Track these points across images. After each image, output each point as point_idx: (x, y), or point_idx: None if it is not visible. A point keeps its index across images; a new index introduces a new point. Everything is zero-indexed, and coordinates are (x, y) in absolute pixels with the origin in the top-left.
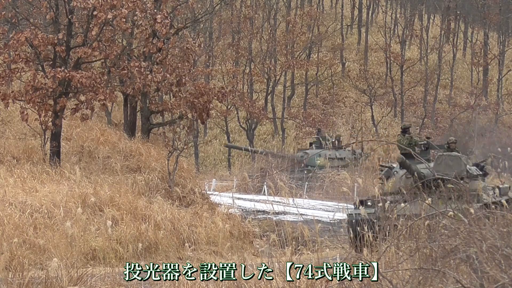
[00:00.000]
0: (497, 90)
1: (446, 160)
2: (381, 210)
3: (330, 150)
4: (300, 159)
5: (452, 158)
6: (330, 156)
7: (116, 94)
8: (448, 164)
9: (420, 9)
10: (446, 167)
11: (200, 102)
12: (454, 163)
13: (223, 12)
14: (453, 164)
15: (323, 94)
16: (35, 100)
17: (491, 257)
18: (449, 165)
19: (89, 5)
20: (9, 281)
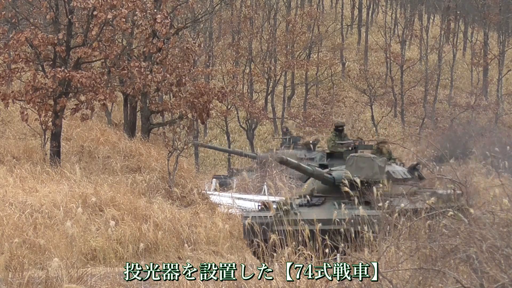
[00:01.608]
0: (497, 90)
1: (357, 162)
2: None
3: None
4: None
5: (364, 160)
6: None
7: (116, 94)
8: (359, 166)
9: (420, 9)
10: (356, 169)
11: (200, 102)
12: (365, 165)
13: (223, 12)
14: (364, 166)
15: (323, 94)
16: (35, 100)
17: (491, 257)
18: (360, 167)
19: (89, 5)
20: (9, 281)
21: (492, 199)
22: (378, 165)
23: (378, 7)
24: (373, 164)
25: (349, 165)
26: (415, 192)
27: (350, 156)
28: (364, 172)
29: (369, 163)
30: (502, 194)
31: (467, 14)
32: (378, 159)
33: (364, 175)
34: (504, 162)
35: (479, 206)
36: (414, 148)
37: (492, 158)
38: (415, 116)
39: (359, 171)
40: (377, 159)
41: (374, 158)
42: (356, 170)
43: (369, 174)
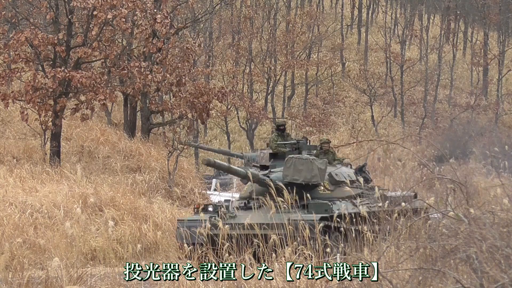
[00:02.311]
0: (497, 90)
1: (296, 164)
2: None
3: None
4: (256, 158)
5: (302, 161)
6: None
7: (116, 94)
8: (297, 168)
9: (420, 9)
10: (295, 171)
11: (200, 102)
12: (304, 167)
13: (223, 12)
14: (303, 168)
15: (323, 94)
16: (35, 100)
17: (491, 257)
18: (299, 169)
19: (89, 5)
20: (9, 281)
21: (492, 199)
22: (318, 167)
23: (378, 7)
24: (312, 166)
25: (287, 167)
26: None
27: (289, 158)
28: (303, 175)
29: (308, 165)
30: (502, 194)
31: (467, 14)
32: (318, 161)
33: (303, 177)
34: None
35: (479, 206)
36: (414, 148)
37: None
38: (415, 116)
39: (297, 173)
40: (317, 161)
41: (313, 160)
42: (295, 172)
43: (307, 177)
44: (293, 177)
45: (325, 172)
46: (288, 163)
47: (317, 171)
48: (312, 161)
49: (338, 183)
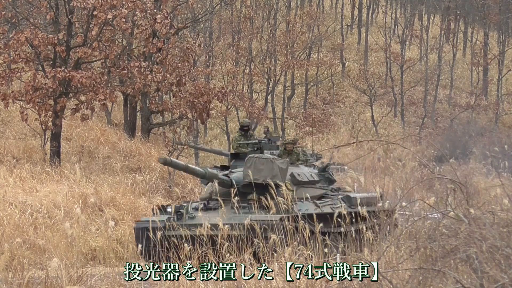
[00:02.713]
0: (497, 90)
1: (256, 164)
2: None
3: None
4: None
5: (263, 161)
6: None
7: (116, 94)
8: (258, 168)
9: (420, 9)
10: (255, 171)
11: (200, 102)
12: (264, 167)
13: (223, 12)
14: (263, 168)
15: (323, 94)
16: (35, 100)
17: (491, 257)
18: (259, 169)
19: (89, 5)
20: (9, 281)
21: (492, 199)
22: (279, 167)
23: (378, 7)
24: (272, 165)
25: (248, 166)
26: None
27: (249, 157)
28: (263, 174)
29: (269, 164)
30: (502, 194)
31: (467, 14)
32: (279, 161)
33: (263, 177)
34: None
35: (479, 206)
36: (414, 148)
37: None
38: (415, 116)
39: (258, 173)
40: (278, 161)
41: (273, 160)
42: (255, 172)
43: (268, 177)
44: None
45: (287, 172)
46: (249, 162)
47: (278, 171)
48: (273, 160)
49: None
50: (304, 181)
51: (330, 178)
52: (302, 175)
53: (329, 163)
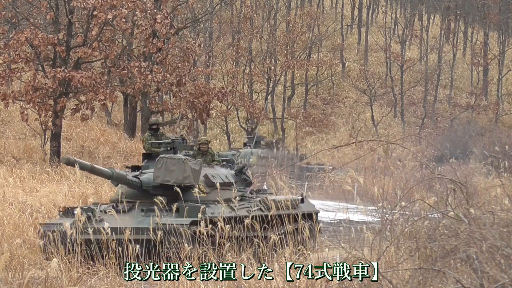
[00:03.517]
0: (497, 90)
1: (167, 164)
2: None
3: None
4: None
5: (174, 161)
6: (262, 155)
7: (116, 94)
8: (169, 168)
9: (420, 9)
10: (166, 172)
11: (200, 102)
12: (176, 167)
13: (223, 12)
14: (175, 169)
15: (323, 94)
16: (35, 100)
17: (491, 257)
18: (170, 170)
19: (89, 5)
20: (9, 281)
21: (492, 199)
22: (191, 168)
23: (378, 7)
24: (184, 166)
25: (158, 167)
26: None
27: (160, 158)
28: (175, 176)
29: (180, 165)
30: (502, 194)
31: (467, 14)
32: (191, 161)
33: (175, 178)
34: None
35: (479, 206)
36: (414, 148)
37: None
38: (415, 116)
39: (169, 174)
40: (190, 161)
41: (186, 160)
42: (166, 173)
43: (179, 178)
44: (164, 178)
45: (200, 173)
46: (159, 163)
47: (190, 172)
48: (185, 161)
49: (215, 185)
50: (219, 183)
51: (247, 179)
52: (216, 176)
53: (245, 164)
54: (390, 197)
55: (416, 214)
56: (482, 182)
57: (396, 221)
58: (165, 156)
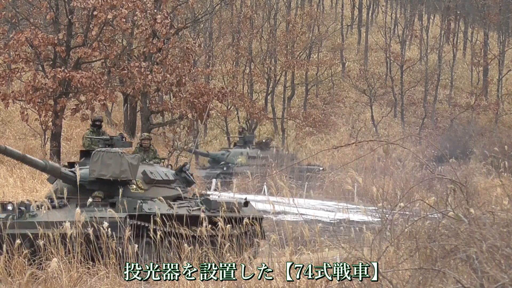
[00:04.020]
0: (497, 90)
1: (103, 158)
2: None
3: (253, 149)
4: (221, 157)
5: (111, 155)
6: (251, 155)
7: (116, 94)
8: (105, 162)
9: (420, 9)
10: (103, 166)
11: (200, 102)
12: (113, 161)
13: (223, 12)
14: (111, 163)
15: (323, 94)
16: (35, 100)
17: (491, 257)
18: (107, 164)
19: (89, 5)
20: (9, 281)
21: (492, 199)
22: (128, 162)
23: (378, 7)
24: (121, 160)
25: (94, 161)
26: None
27: (96, 151)
28: (111, 170)
29: (117, 159)
30: (502, 194)
31: (467, 14)
32: (128, 156)
33: (111, 173)
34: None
35: (479, 206)
36: (414, 148)
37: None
38: (415, 116)
39: (105, 168)
40: (128, 156)
41: (122, 154)
42: (102, 167)
43: (116, 172)
44: (100, 173)
45: (137, 168)
46: (95, 157)
47: (127, 166)
48: (122, 155)
49: (153, 183)
50: (158, 180)
51: (187, 179)
52: (155, 173)
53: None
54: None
55: (416, 214)
56: (482, 182)
57: (396, 221)
58: (101, 150)
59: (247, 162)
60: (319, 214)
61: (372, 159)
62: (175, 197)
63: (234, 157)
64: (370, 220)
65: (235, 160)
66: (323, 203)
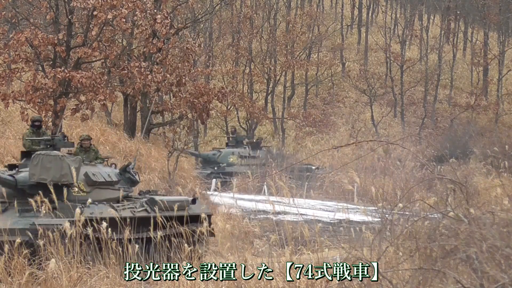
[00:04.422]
0: (497, 90)
1: (43, 161)
2: None
3: (244, 149)
4: (212, 157)
5: (51, 158)
6: (243, 154)
7: (116, 94)
8: (45, 166)
9: (420, 9)
10: (43, 169)
11: (200, 102)
12: (53, 165)
13: (223, 12)
14: (51, 166)
15: (323, 94)
16: (35, 100)
17: (491, 257)
18: (47, 168)
19: (89, 5)
20: (9, 281)
21: (492, 199)
22: (69, 165)
23: (378, 7)
24: (62, 163)
25: (34, 164)
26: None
27: (36, 155)
28: (52, 173)
29: (57, 162)
30: (502, 194)
31: (467, 14)
32: (69, 158)
33: (51, 177)
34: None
35: (479, 206)
36: (414, 148)
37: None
38: (415, 116)
39: (45, 171)
40: (68, 158)
41: (63, 157)
42: (42, 171)
43: (56, 176)
44: (40, 176)
45: (79, 171)
46: (35, 160)
47: (68, 169)
48: (62, 158)
49: (96, 184)
50: (100, 182)
51: (132, 179)
52: (98, 175)
53: (130, 162)
54: (390, 197)
55: (416, 214)
56: (482, 182)
57: (396, 221)
58: (41, 153)
59: (239, 162)
60: (319, 214)
61: (372, 159)
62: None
63: (225, 157)
64: (370, 220)
65: (227, 160)
66: (323, 203)
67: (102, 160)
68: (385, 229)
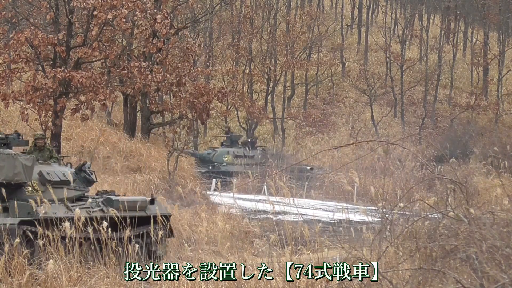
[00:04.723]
0: (497, 90)
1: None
2: None
3: (239, 148)
4: (207, 156)
5: (4, 157)
6: (237, 154)
7: (116, 94)
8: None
9: (420, 9)
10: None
11: (200, 102)
12: (6, 163)
13: (223, 12)
14: (4, 165)
15: (323, 94)
16: (35, 100)
17: (491, 257)
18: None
19: (89, 5)
20: (9, 281)
21: (492, 199)
22: (23, 164)
23: (378, 7)
24: (15, 162)
25: None
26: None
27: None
28: (4, 172)
29: (10, 161)
30: (502, 194)
31: (467, 14)
32: (22, 157)
33: (4, 175)
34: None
35: (479, 206)
36: (414, 148)
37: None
38: (415, 116)
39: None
40: (22, 157)
41: (16, 155)
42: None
43: (9, 175)
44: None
45: (32, 170)
46: None
47: (22, 168)
48: (15, 156)
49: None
50: (55, 181)
51: (88, 178)
52: (52, 174)
53: (85, 161)
54: (390, 197)
55: (416, 214)
56: (482, 182)
57: (396, 221)
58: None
59: (234, 161)
60: (319, 214)
61: (372, 159)
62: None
63: (220, 157)
64: (370, 220)
65: (221, 160)
66: (323, 203)
67: (57, 159)
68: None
